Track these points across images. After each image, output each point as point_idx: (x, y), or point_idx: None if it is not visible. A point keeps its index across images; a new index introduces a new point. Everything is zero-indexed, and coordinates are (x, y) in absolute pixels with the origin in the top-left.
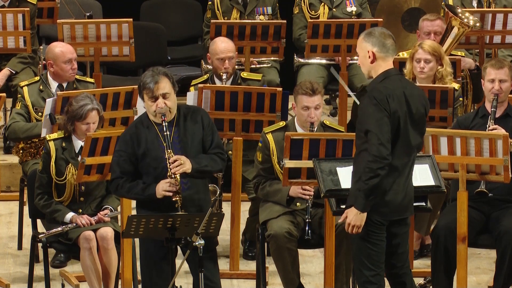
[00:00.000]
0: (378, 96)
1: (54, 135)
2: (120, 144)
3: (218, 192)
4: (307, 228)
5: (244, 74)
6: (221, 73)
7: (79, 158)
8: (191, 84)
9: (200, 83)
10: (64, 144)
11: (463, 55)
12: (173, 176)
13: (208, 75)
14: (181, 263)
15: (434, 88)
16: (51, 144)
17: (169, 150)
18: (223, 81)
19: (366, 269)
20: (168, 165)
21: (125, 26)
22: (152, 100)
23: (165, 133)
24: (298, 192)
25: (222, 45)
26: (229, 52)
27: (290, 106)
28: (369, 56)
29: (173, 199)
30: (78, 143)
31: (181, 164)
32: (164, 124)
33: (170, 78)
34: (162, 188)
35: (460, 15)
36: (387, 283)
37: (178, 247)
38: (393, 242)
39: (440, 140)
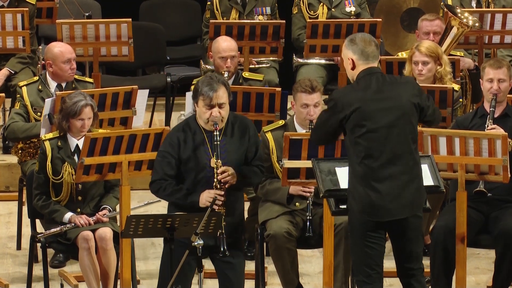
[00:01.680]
0: (335, 95)
1: (50, 135)
2: (166, 145)
3: None
4: (308, 224)
5: (246, 74)
6: (223, 72)
7: (75, 157)
8: (192, 83)
9: None
10: (59, 143)
11: (462, 55)
12: (219, 186)
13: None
14: (180, 264)
15: (433, 88)
16: (47, 144)
17: (218, 160)
18: None
19: (360, 269)
20: (215, 175)
21: (124, 26)
22: (208, 108)
23: (215, 143)
24: (298, 190)
25: (225, 44)
26: (231, 51)
27: (289, 106)
28: (350, 63)
29: (217, 210)
30: (73, 142)
31: (229, 176)
32: (215, 133)
33: (227, 87)
34: (207, 199)
35: (459, 15)
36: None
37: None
38: (398, 242)
39: (439, 140)
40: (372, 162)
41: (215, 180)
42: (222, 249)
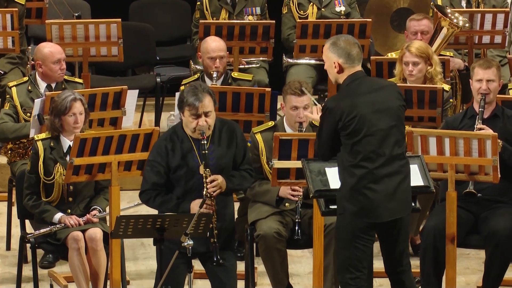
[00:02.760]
0: (329, 104)
1: (42, 135)
2: (154, 154)
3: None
4: (296, 228)
5: (235, 74)
6: (212, 72)
7: (67, 158)
8: (182, 83)
9: (190, 82)
10: (52, 144)
11: (451, 55)
12: (209, 195)
13: (198, 74)
14: (170, 265)
15: (423, 88)
16: (39, 144)
17: (207, 170)
18: (214, 80)
19: (346, 271)
20: (204, 184)
21: (113, 26)
22: (194, 117)
23: (203, 152)
24: (287, 193)
25: (214, 44)
26: (220, 51)
27: (279, 106)
28: (335, 67)
29: None
30: (66, 143)
31: (218, 185)
32: (203, 142)
33: (213, 96)
34: (198, 209)
35: (449, 15)
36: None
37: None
38: (388, 241)
39: (429, 140)
40: (370, 164)
41: (205, 189)
42: (215, 258)
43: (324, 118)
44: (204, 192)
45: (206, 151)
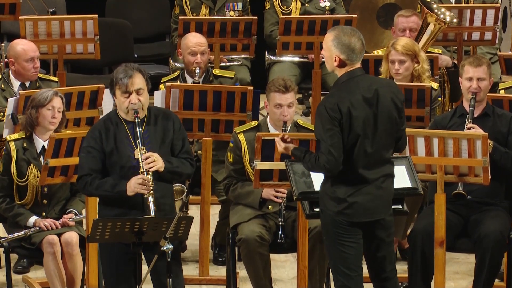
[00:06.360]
0: (329, 105)
1: (15, 136)
2: (88, 140)
3: (186, 193)
4: (280, 231)
5: (217, 71)
6: (193, 68)
7: (41, 159)
8: (161, 81)
9: (170, 80)
10: (25, 145)
11: (439, 52)
12: (145, 173)
13: (178, 72)
14: (148, 270)
15: (410, 87)
16: (12, 145)
17: (142, 147)
18: (196, 76)
19: (340, 273)
20: (140, 162)
21: (90, 22)
22: (125, 95)
23: (138, 130)
24: (270, 195)
25: (194, 40)
26: (201, 46)
27: (261, 105)
28: (335, 60)
29: (145, 195)
30: (39, 143)
31: (154, 161)
32: (136, 120)
33: (144, 74)
34: (134, 185)
35: (436, 11)
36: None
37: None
38: (371, 245)
39: (417, 141)
40: (356, 163)
41: (141, 166)
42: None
43: (325, 119)
44: (141, 170)
45: (141, 129)
